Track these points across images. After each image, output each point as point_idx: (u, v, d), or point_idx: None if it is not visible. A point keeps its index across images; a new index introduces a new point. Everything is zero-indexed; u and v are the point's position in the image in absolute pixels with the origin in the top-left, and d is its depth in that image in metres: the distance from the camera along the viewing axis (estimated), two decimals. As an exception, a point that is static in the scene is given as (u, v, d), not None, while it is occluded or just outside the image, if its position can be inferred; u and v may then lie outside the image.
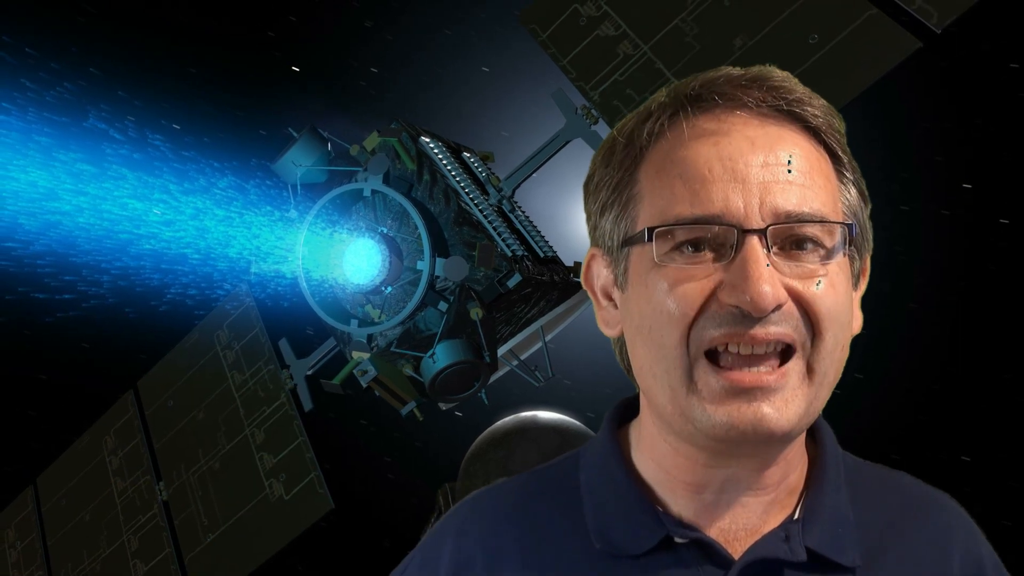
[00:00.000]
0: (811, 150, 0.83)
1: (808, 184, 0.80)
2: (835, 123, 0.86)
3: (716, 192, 0.79)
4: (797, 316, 0.79)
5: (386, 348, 2.66)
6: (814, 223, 0.80)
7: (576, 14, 2.80)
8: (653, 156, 0.85)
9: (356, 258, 2.63)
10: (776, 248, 0.79)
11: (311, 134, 2.75)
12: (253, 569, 2.90)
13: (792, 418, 0.79)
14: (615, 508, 0.90)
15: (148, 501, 3.16)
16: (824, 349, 0.80)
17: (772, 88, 0.83)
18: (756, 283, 0.76)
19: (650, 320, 0.82)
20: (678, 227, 0.80)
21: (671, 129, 0.85)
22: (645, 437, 0.93)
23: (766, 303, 0.76)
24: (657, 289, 0.81)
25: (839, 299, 0.81)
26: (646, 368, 0.85)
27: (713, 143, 0.81)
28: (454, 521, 0.98)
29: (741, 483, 0.87)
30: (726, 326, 0.78)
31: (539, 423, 3.22)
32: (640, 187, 0.86)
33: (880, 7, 2.34)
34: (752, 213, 0.78)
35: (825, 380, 0.82)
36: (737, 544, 0.87)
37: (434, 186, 2.63)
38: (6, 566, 3.38)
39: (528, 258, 2.68)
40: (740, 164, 0.80)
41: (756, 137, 0.81)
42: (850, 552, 0.87)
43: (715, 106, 0.84)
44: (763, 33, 2.50)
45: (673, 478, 0.89)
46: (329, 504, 2.80)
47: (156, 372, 3.40)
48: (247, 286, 3.23)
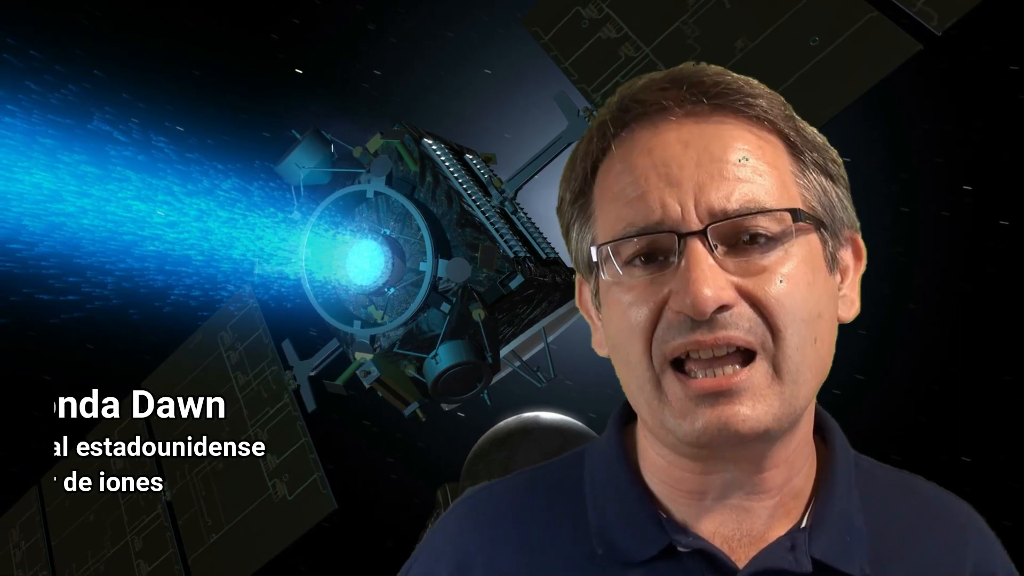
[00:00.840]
0: (752, 139, 0.80)
1: (748, 176, 0.78)
2: (779, 107, 0.82)
3: (653, 200, 0.78)
4: (749, 317, 0.76)
5: (389, 349, 2.67)
6: (754, 214, 0.76)
7: (578, 16, 2.81)
8: (598, 176, 0.84)
9: (359, 259, 2.64)
10: (724, 247, 0.77)
11: (314, 136, 2.77)
12: (256, 569, 2.90)
13: (762, 417, 0.76)
14: (619, 513, 0.88)
15: (152, 502, 3.17)
16: (788, 347, 0.76)
17: (697, 84, 0.81)
18: (694, 285, 0.74)
19: (616, 338, 0.82)
20: (622, 241, 0.79)
21: (617, 145, 0.83)
22: (643, 448, 0.92)
23: (705, 305, 0.74)
24: (619, 306, 0.80)
25: (797, 292, 0.77)
26: (624, 384, 0.84)
27: (648, 152, 0.80)
28: (454, 520, 0.96)
29: (742, 488, 0.85)
30: (682, 335, 0.76)
31: (541, 423, 3.23)
32: (593, 206, 0.85)
33: (881, 9, 2.34)
34: (689, 215, 0.76)
35: (800, 377, 0.78)
36: (741, 551, 0.85)
37: (437, 188, 2.64)
38: (11, 566, 3.39)
39: (530, 259, 2.68)
40: (674, 168, 0.78)
41: (690, 139, 0.79)
42: (858, 561, 0.85)
43: (645, 115, 0.82)
44: (764, 35, 2.51)
45: (671, 487, 0.88)
46: (332, 504, 2.81)
47: (160, 373, 3.40)
48: (251, 287, 3.25)
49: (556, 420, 3.30)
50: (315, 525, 2.84)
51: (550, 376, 3.10)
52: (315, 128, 2.78)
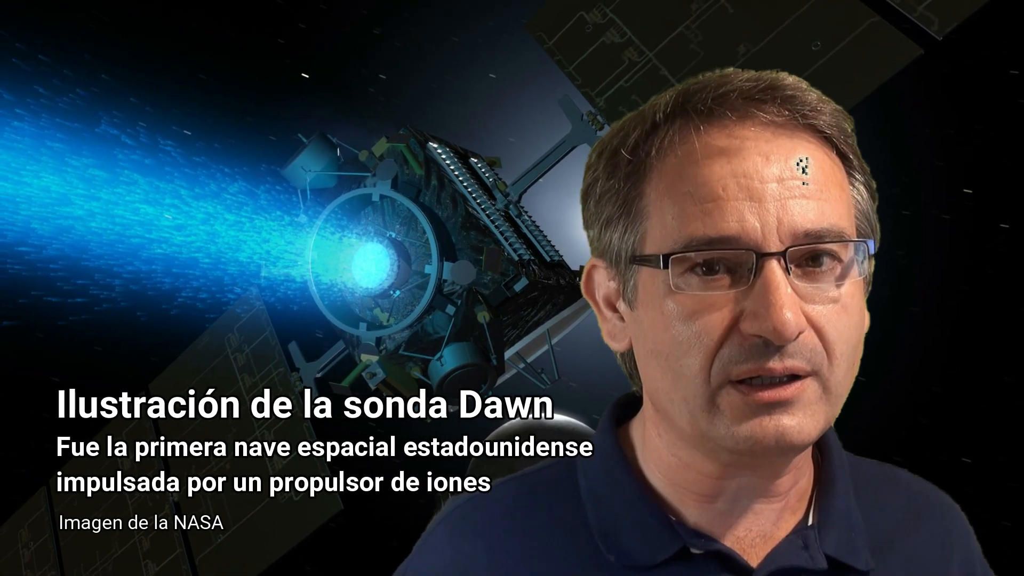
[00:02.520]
0: (824, 158, 0.79)
1: (824, 197, 0.77)
2: (845, 126, 0.82)
3: (731, 212, 0.75)
4: (813, 344, 0.76)
5: (394, 351, 2.68)
6: (834, 242, 0.76)
7: (582, 21, 2.82)
8: (662, 171, 0.81)
9: (365, 262, 2.65)
10: (794, 268, 0.75)
11: (320, 140, 2.77)
12: (263, 569, 2.92)
13: (812, 431, 0.77)
14: (625, 517, 0.87)
15: (160, 502, 3.18)
16: (838, 371, 0.77)
17: (786, 99, 0.79)
18: (779, 312, 0.72)
19: (667, 347, 0.79)
20: (693, 251, 0.76)
21: (681, 144, 0.80)
22: (650, 448, 0.90)
23: (789, 332, 0.73)
24: (674, 316, 0.77)
25: (852, 321, 0.78)
26: (662, 392, 0.81)
27: (726, 160, 0.77)
28: (445, 532, 0.94)
29: (754, 492, 0.85)
30: (750, 360, 0.75)
31: (545, 425, 3.24)
32: (647, 201, 0.81)
33: (882, 14, 2.34)
34: (770, 234, 0.74)
35: (839, 399, 0.80)
36: (753, 552, 0.85)
37: (442, 191, 2.65)
38: (19, 566, 3.40)
39: (534, 262, 2.69)
40: (755, 181, 0.76)
41: (770, 151, 0.77)
42: (863, 555, 0.86)
43: (726, 119, 0.79)
44: (766, 40, 2.51)
45: (682, 490, 0.87)
46: (338, 505, 2.82)
47: (167, 374, 3.42)
48: (257, 290, 3.25)
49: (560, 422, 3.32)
50: (321, 525, 2.85)
51: (554, 378, 3.11)
52: (321, 132, 2.79)
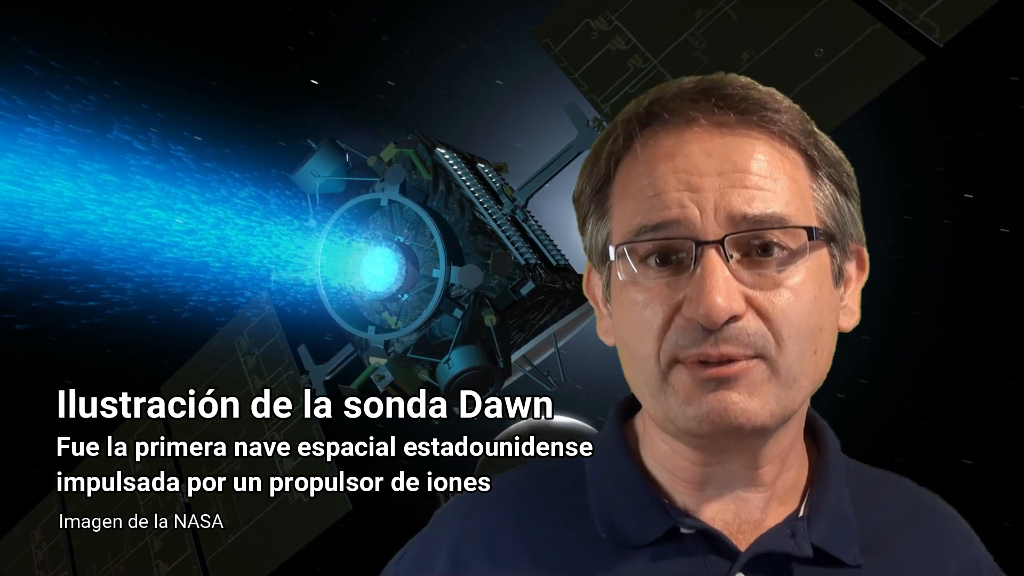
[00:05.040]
0: (773, 153, 0.82)
1: (769, 188, 0.80)
2: (800, 122, 0.84)
3: (671, 200, 0.80)
4: (755, 328, 0.78)
5: (402, 354, 2.69)
6: (773, 228, 0.79)
7: (588, 29, 2.84)
8: (619, 174, 0.87)
9: (373, 266, 2.66)
10: (738, 255, 0.79)
11: (329, 146, 2.79)
12: (273, 569, 2.94)
13: (759, 410, 0.79)
14: (621, 499, 0.91)
15: (171, 503, 3.21)
16: (788, 356, 0.79)
17: (724, 97, 0.82)
18: (708, 295, 0.76)
19: (625, 334, 0.85)
20: (639, 241, 0.81)
21: (640, 146, 0.85)
22: (647, 438, 0.94)
23: (718, 315, 0.76)
24: (632, 304, 0.83)
25: (803, 307, 0.80)
26: (630, 376, 0.87)
27: (670, 158, 0.82)
28: (456, 508, 0.98)
29: (738, 480, 0.88)
30: (692, 344, 0.78)
31: (551, 427, 3.26)
32: (612, 201, 0.87)
33: (884, 22, 2.36)
34: (708, 222, 0.78)
35: (795, 384, 0.81)
36: (742, 537, 0.88)
37: (449, 196, 2.66)
38: (32, 566, 3.42)
39: (541, 266, 2.70)
40: (695, 176, 0.80)
41: (713, 149, 0.81)
42: (853, 550, 0.88)
43: (671, 122, 0.83)
44: (769, 47, 2.53)
45: (673, 476, 0.90)
46: (347, 506, 2.84)
47: (178, 377, 3.44)
48: (267, 293, 3.27)
49: (566, 423, 3.34)
50: (330, 526, 2.87)
51: (560, 380, 3.11)
52: (330, 138, 2.80)
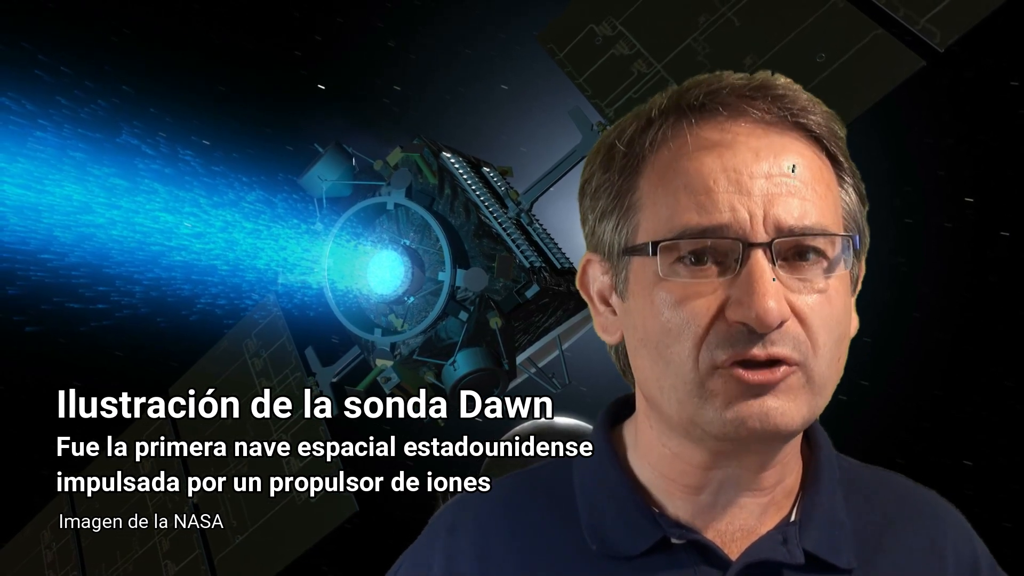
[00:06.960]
0: (813, 158, 0.81)
1: (811, 195, 0.79)
2: (836, 129, 0.84)
3: (722, 202, 0.77)
4: (797, 333, 0.77)
5: (408, 356, 2.70)
6: (816, 235, 0.78)
7: (592, 34, 2.86)
8: (655, 164, 0.83)
9: (380, 269, 2.68)
10: (780, 260, 0.77)
11: (336, 150, 2.80)
12: (280, 570, 2.95)
13: (795, 416, 0.78)
14: (610, 509, 0.89)
15: (179, 503, 3.23)
16: (821, 363, 0.79)
17: (776, 98, 0.82)
18: (762, 299, 0.74)
19: (656, 336, 0.80)
20: (683, 240, 0.79)
21: (674, 138, 0.83)
22: (642, 441, 0.91)
23: (771, 319, 0.74)
24: (663, 304, 0.80)
25: (836, 313, 0.80)
26: (652, 380, 0.83)
27: (717, 154, 0.79)
28: (445, 520, 0.97)
29: (740, 484, 0.86)
30: (735, 347, 0.76)
31: (556, 428, 3.27)
32: (641, 194, 0.84)
33: (885, 27, 2.37)
34: (757, 226, 0.77)
35: (823, 390, 0.81)
36: (734, 545, 0.87)
37: (455, 200, 2.68)
38: (42, 567, 3.44)
39: (545, 269, 2.71)
40: (744, 176, 0.78)
41: (760, 148, 0.79)
42: (846, 554, 0.88)
43: (718, 115, 0.82)
44: (772, 52, 2.54)
45: (670, 481, 0.88)
46: (353, 506, 2.86)
47: (186, 379, 3.45)
48: (274, 296, 3.28)
49: (570, 425, 3.35)
50: (337, 526, 2.88)
51: (564, 382, 3.11)
52: (337, 142, 2.81)
